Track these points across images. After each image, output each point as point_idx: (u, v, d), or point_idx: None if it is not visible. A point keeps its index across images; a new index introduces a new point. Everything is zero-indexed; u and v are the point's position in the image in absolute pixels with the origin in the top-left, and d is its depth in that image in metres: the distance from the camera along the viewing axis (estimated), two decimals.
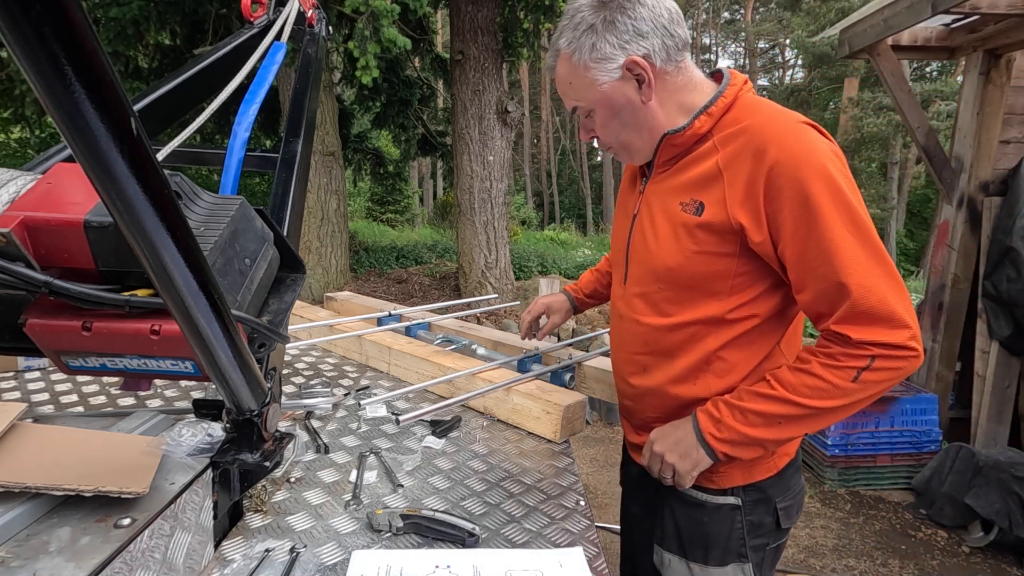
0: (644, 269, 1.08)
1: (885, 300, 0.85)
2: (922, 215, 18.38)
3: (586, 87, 0.98)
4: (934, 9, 2.84)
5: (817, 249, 0.87)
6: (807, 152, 0.88)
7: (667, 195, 1.03)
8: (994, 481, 2.70)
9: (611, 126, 1.02)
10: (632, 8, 0.93)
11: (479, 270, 6.60)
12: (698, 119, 0.97)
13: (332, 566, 0.84)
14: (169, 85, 0.99)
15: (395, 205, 16.95)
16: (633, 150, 1.05)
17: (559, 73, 1.02)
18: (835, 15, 15.20)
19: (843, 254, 0.86)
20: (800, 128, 0.91)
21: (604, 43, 0.93)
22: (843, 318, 0.88)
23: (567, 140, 28.00)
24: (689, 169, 1.00)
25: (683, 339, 1.04)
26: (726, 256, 0.96)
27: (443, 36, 12.68)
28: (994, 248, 3.11)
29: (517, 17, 6.36)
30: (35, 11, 0.28)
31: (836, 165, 0.89)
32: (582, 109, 1.02)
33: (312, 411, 1.40)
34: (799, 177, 0.87)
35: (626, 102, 0.98)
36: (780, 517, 1.09)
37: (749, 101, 0.98)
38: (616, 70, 0.95)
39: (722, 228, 0.94)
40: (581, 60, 0.96)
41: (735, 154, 0.93)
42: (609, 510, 3.08)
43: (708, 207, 0.95)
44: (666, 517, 1.14)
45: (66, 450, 0.74)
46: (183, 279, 0.49)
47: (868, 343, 0.86)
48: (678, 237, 1.00)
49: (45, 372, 1.57)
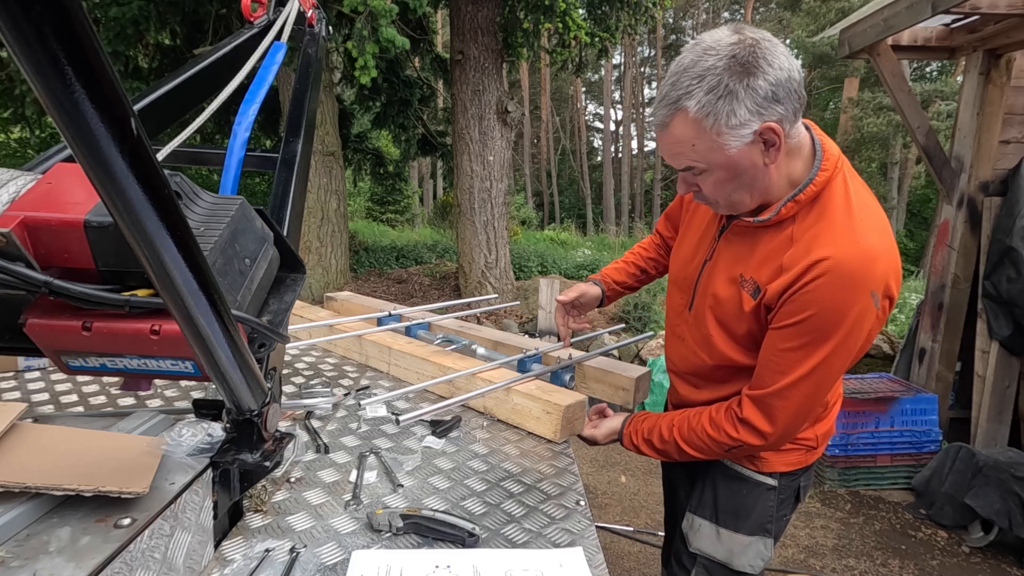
0: (705, 313, 1.15)
1: (778, 418, 1.05)
2: (922, 215, 18.37)
3: (712, 151, 0.93)
4: (934, 9, 2.84)
5: (793, 357, 1.00)
6: (845, 304, 0.93)
7: (737, 258, 1.09)
8: (994, 481, 2.70)
9: (727, 187, 0.98)
10: (771, 71, 0.87)
11: (479, 270, 6.60)
12: (785, 207, 0.99)
13: (332, 566, 0.84)
14: (169, 85, 0.99)
15: (395, 205, 16.94)
16: (740, 207, 1.04)
17: (677, 133, 0.94)
18: (835, 15, 15.19)
19: (801, 372, 1.00)
20: (862, 289, 0.93)
21: (743, 109, 0.88)
22: (756, 398, 1.06)
23: (567, 140, 28.00)
24: (763, 246, 1.04)
25: (732, 373, 1.15)
26: (764, 328, 1.06)
27: (443, 36, 12.67)
28: (994, 248, 3.11)
29: (517, 17, 6.35)
30: (35, 11, 0.28)
31: (864, 310, 0.94)
32: (697, 169, 0.97)
33: (312, 411, 1.40)
34: (818, 307, 0.94)
35: (750, 165, 0.94)
36: (800, 494, 1.28)
37: (835, 190, 0.98)
38: (748, 135, 0.90)
39: (763, 310, 1.04)
40: (714, 126, 0.89)
41: (801, 266, 0.95)
42: (609, 510, 3.08)
43: (764, 292, 1.02)
44: (705, 488, 1.27)
45: (66, 450, 0.74)
46: (183, 279, 0.49)
47: (742, 437, 1.08)
48: (734, 303, 1.08)
49: (45, 372, 1.57)
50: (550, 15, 6.14)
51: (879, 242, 0.94)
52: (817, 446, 1.22)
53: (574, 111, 27.02)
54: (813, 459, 1.25)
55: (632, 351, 4.87)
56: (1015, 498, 2.61)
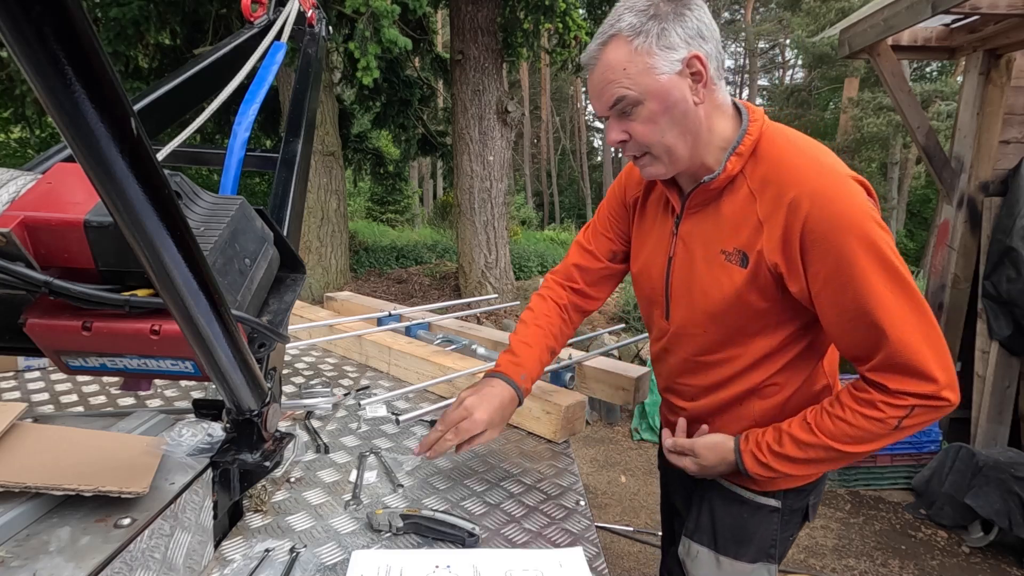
0: (690, 311, 1.07)
1: (919, 355, 0.87)
2: (922, 215, 18.37)
3: (643, 74, 0.91)
4: (934, 9, 2.84)
5: (853, 304, 0.88)
6: (844, 211, 0.87)
7: (708, 240, 1.02)
8: (994, 481, 2.70)
9: (659, 123, 0.94)
10: (699, 10, 0.92)
11: (479, 270, 6.60)
12: (729, 161, 0.96)
13: (332, 566, 0.84)
14: (169, 85, 0.99)
15: (395, 205, 16.94)
16: (675, 156, 0.97)
17: (610, 58, 0.92)
18: (835, 15, 15.18)
19: (883, 309, 0.87)
20: (839, 184, 0.89)
21: (673, 33, 0.89)
22: (879, 367, 0.90)
23: (567, 140, 28.00)
24: (725, 212, 0.99)
25: (731, 375, 1.07)
26: (770, 300, 0.97)
27: (443, 36, 12.67)
28: (994, 248, 3.11)
29: (517, 17, 6.35)
30: (35, 11, 0.28)
31: (875, 221, 0.87)
32: (628, 100, 0.93)
33: (312, 411, 1.40)
34: (835, 238, 0.87)
35: (681, 98, 0.92)
36: (809, 512, 1.17)
37: (778, 139, 0.97)
38: (677, 62, 0.90)
39: (765, 279, 0.95)
40: (645, 44, 0.90)
41: (773, 205, 0.92)
42: (609, 510, 3.08)
43: (752, 258, 0.95)
44: (703, 511, 1.17)
45: (66, 450, 0.74)
46: (183, 279, 0.49)
47: (906, 393, 0.89)
48: (722, 287, 1.00)
49: (45, 372, 1.57)
50: (550, 15, 6.14)
51: (837, 162, 0.93)
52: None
53: (574, 111, 27.03)
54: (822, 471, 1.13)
55: (632, 351, 4.86)
56: (1015, 498, 2.61)
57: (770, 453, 1.00)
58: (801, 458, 0.98)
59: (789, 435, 0.98)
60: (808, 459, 0.97)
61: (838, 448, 0.95)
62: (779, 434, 1.00)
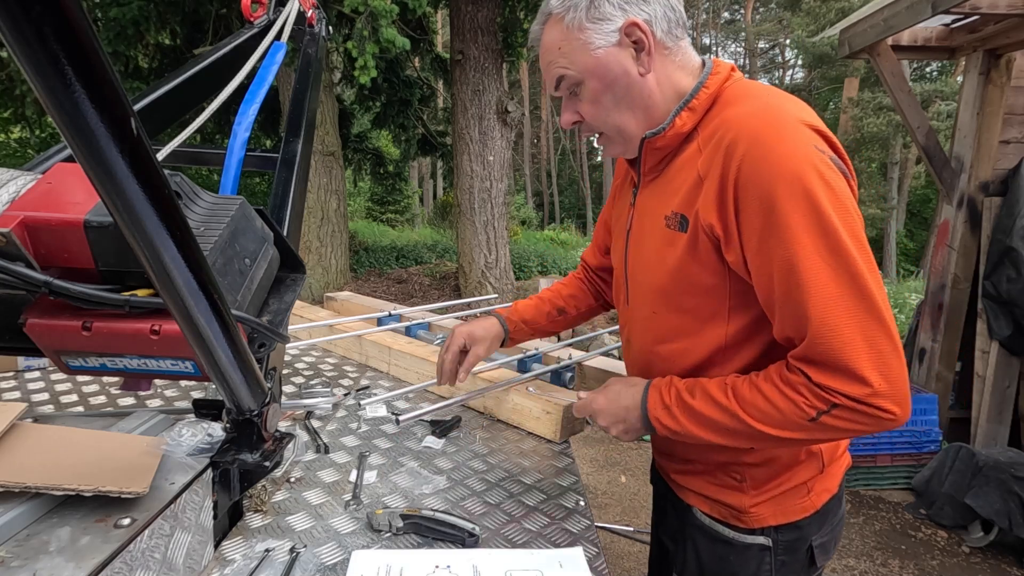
0: (641, 291, 0.98)
1: (846, 348, 0.72)
2: (922, 215, 18.38)
3: (578, 51, 0.85)
4: (934, 9, 2.84)
5: (780, 270, 0.75)
6: (784, 154, 0.73)
7: (655, 208, 0.92)
8: (994, 481, 2.70)
9: (603, 102, 0.88)
10: None
11: (479, 270, 6.60)
12: (679, 116, 0.86)
13: (332, 566, 0.84)
14: (169, 85, 0.99)
15: (395, 205, 16.96)
16: (627, 134, 0.91)
17: (546, 40, 0.89)
18: (835, 15, 15.19)
19: (809, 282, 0.73)
20: (786, 126, 0.76)
21: (604, 2, 0.83)
22: (801, 355, 0.76)
23: (567, 140, 28.00)
24: (675, 176, 0.89)
25: (684, 371, 0.94)
26: (715, 274, 0.85)
27: (443, 36, 12.67)
28: (994, 248, 3.11)
29: (517, 17, 6.36)
30: (35, 11, 0.28)
31: (821, 175, 0.73)
32: (569, 80, 0.88)
33: (312, 411, 1.40)
34: (766, 182, 0.74)
35: (622, 72, 0.85)
36: (815, 554, 0.98)
37: (740, 91, 0.85)
38: (614, 33, 0.84)
39: (704, 245, 0.83)
40: (576, 20, 0.84)
41: (712, 154, 0.81)
42: (609, 510, 3.08)
43: (691, 221, 0.84)
44: (688, 549, 1.05)
45: (66, 450, 0.74)
46: (183, 279, 0.49)
47: (829, 388, 0.74)
48: (664, 258, 0.90)
49: (45, 372, 1.57)
50: None
51: (793, 106, 0.80)
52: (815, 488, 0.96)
53: None
54: (822, 502, 0.96)
55: None
56: (1015, 498, 2.61)
57: (677, 399, 0.87)
58: (707, 417, 0.84)
59: (703, 389, 0.85)
60: (714, 423, 0.83)
61: (746, 421, 0.80)
62: (694, 384, 0.87)
